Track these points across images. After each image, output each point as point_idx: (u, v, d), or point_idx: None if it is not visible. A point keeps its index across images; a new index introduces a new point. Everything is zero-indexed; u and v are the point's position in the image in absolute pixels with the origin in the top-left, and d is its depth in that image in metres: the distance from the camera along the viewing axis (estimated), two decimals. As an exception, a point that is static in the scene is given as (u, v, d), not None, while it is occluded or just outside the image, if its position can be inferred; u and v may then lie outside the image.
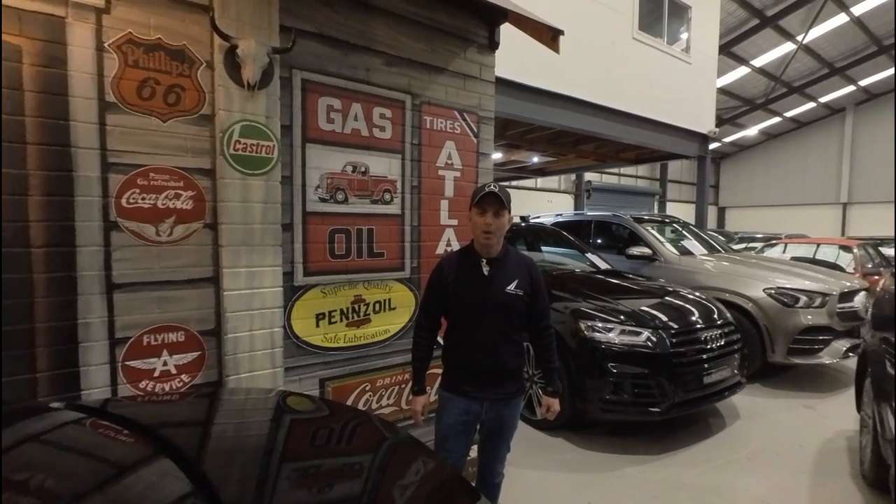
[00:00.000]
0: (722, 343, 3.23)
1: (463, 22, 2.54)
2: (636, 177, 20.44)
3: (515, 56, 5.02)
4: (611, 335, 3.03)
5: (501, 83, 5.11)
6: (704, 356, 3.11)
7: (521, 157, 8.69)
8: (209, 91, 1.80)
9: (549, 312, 1.88)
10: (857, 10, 12.04)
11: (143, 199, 1.69)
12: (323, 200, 2.14)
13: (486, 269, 1.72)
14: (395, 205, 2.37)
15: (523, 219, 6.04)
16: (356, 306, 2.25)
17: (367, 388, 2.34)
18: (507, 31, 2.64)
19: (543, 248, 5.39)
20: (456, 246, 2.61)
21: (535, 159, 8.94)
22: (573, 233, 5.82)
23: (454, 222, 2.60)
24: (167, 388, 1.77)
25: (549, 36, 2.37)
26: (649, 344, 2.98)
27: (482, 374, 1.74)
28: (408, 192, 2.40)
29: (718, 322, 3.36)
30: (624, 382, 2.93)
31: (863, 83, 16.78)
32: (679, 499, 2.52)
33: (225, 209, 1.80)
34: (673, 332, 3.07)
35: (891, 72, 15.98)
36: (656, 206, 15.44)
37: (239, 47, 1.71)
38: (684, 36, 7.26)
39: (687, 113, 7.18)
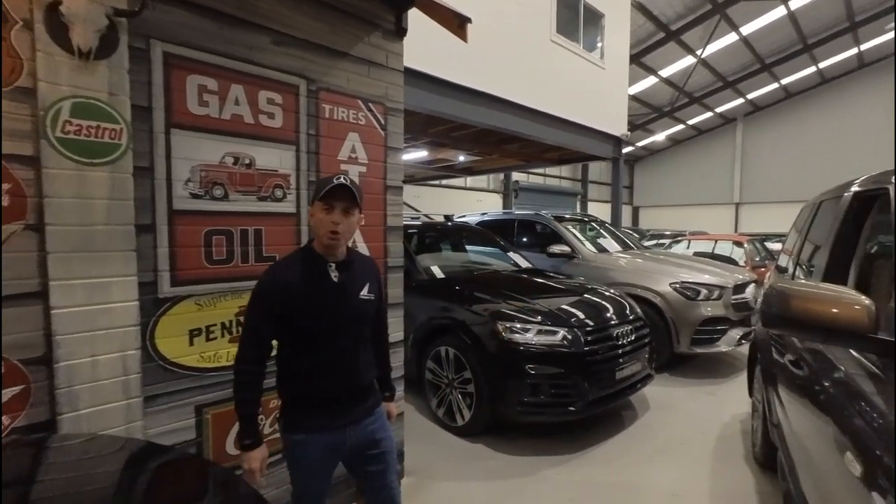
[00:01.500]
0: (633, 338, 3.31)
1: (367, 3, 2.33)
2: (560, 177, 21.38)
3: (440, 52, 4.90)
4: (528, 335, 2.98)
5: (424, 78, 4.99)
6: (619, 351, 3.17)
7: (448, 155, 8.62)
8: (28, 58, 1.43)
9: (387, 315, 1.76)
10: (745, 31, 13.45)
11: (-74, 193, 1.29)
12: (196, 197, 1.82)
13: (335, 276, 1.46)
14: (289, 202, 2.10)
15: (447, 218, 5.94)
16: (241, 319, 1.96)
17: (259, 412, 2.05)
18: (432, 25, 2.46)
19: (468, 248, 5.33)
20: (364, 248, 2.40)
21: (462, 158, 8.93)
22: (498, 232, 5.84)
23: (362, 222, 2.37)
24: (-29, 436, 1.38)
25: (456, 23, 2.24)
26: (565, 343, 2.97)
27: (339, 398, 1.48)
28: (304, 187, 2.14)
29: (630, 318, 3.45)
30: (542, 383, 2.89)
31: (750, 96, 18.85)
32: (595, 498, 2.51)
33: (53, 207, 1.44)
34: (588, 329, 3.09)
35: (774, 85, 18.15)
36: (579, 206, 16.23)
37: (63, 3, 1.37)
38: (599, 44, 7.60)
39: (602, 116, 7.52)
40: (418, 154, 8.69)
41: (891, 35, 15.38)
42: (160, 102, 1.71)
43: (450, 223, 5.70)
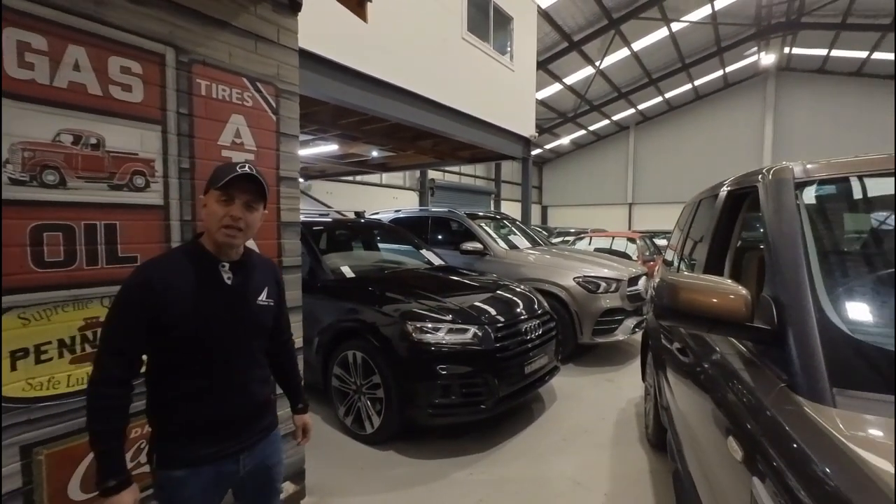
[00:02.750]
0: (541, 332, 3.39)
1: (252, -31, 2.06)
2: (475, 176, 21.91)
3: (350, 40, 4.64)
4: (439, 335, 2.90)
5: (332, 66, 4.68)
6: (528, 346, 3.22)
7: (361, 150, 8.32)
8: None
9: (289, 321, 1.58)
10: (636, 47, 14.83)
11: None
12: (17, 183, 1.44)
13: (227, 277, 1.25)
14: (154, 192, 1.78)
15: (358, 214, 5.69)
16: (88, 333, 1.61)
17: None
18: (336, 8, 2.23)
19: (380, 246, 5.14)
20: (254, 247, 2.12)
21: (376, 153, 8.68)
22: (413, 229, 5.72)
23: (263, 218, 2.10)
24: None
25: (355, 1, 2.06)
26: (476, 340, 2.93)
27: (233, 421, 1.26)
28: (174, 175, 1.83)
29: (538, 312, 3.53)
30: (453, 384, 2.82)
31: (640, 107, 20.91)
32: (504, 496, 2.50)
33: None
34: (499, 326, 3.10)
35: (659, 99, 20.29)
36: (493, 204, 16.73)
37: None
38: (509, 48, 7.81)
39: (512, 117, 7.75)
40: (328, 148, 8.27)
41: (748, 61, 18.00)
42: (-44, 59, 1.32)
43: (362, 220, 5.46)
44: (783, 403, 0.99)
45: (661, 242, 10.43)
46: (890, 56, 15.41)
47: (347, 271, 3.83)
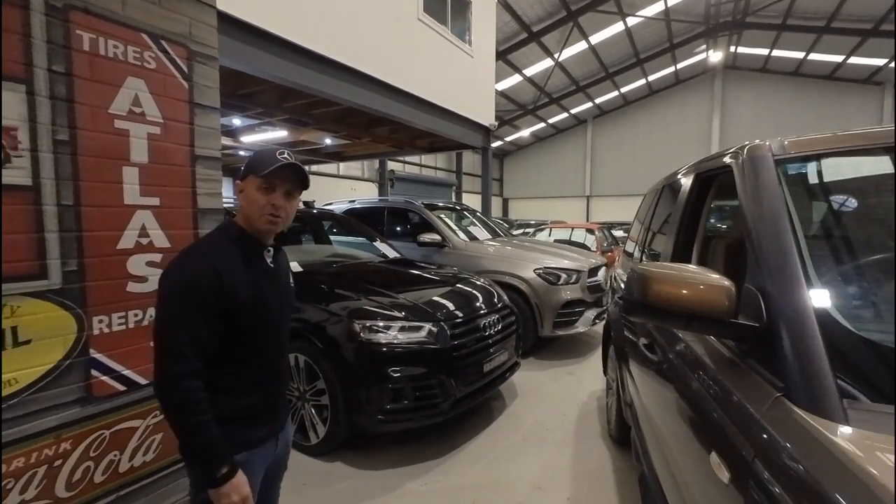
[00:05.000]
0: (500, 327, 3.21)
1: None
2: (436, 168, 21.63)
3: (296, 14, 4.25)
4: (391, 334, 2.65)
5: (274, 41, 4.26)
6: (488, 342, 3.03)
7: (313, 137, 7.86)
8: None
9: None
10: (594, 40, 14.97)
11: None
12: None
13: (270, 261, 1.26)
14: (19, 170, 1.42)
15: (308, 204, 5.31)
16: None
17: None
18: None
19: (332, 239, 4.81)
20: (159, 239, 1.79)
21: (329, 141, 8.23)
22: (368, 220, 5.41)
23: (153, 201, 1.77)
24: None
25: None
26: (431, 339, 2.71)
27: (275, 401, 1.30)
28: (46, 149, 1.47)
29: (498, 306, 3.35)
30: (405, 387, 2.59)
31: (597, 101, 21.27)
32: (461, 506, 2.30)
33: None
34: (457, 322, 2.88)
35: (615, 93, 20.71)
36: (454, 196, 16.54)
37: None
38: (468, 35, 7.57)
39: (471, 105, 7.54)
40: (277, 134, 7.75)
41: (698, 58, 18.67)
42: None
43: (314, 210, 5.10)
44: (781, 418, 0.82)
45: (619, 234, 10.61)
46: (824, 58, 16.42)
47: (294, 266, 3.48)
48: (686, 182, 1.99)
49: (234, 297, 1.12)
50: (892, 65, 15.49)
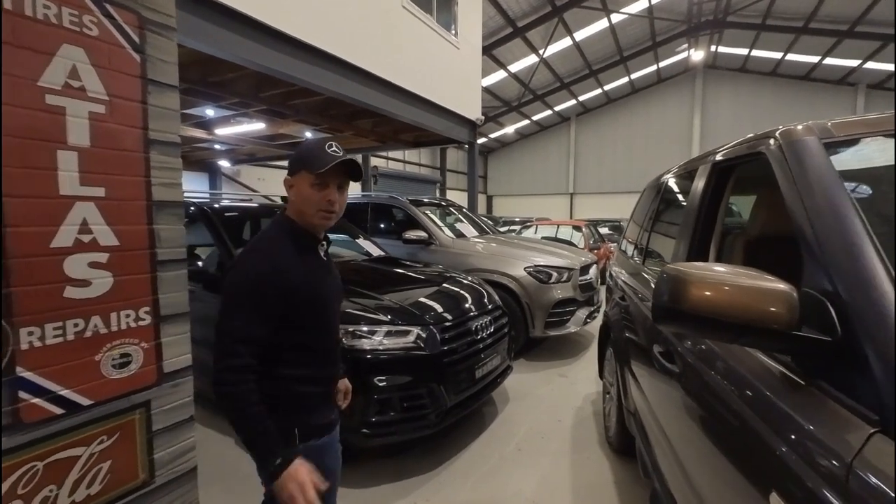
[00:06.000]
0: (493, 330, 3.03)
1: None
2: (420, 164, 21.36)
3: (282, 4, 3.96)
4: (376, 339, 2.44)
5: (249, 24, 3.94)
6: (480, 346, 2.84)
7: (292, 130, 7.52)
8: None
9: None
10: (578, 37, 14.91)
11: None
12: None
13: (323, 255, 1.32)
14: (-83, 151, 1.15)
15: (285, 200, 5.03)
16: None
17: None
18: None
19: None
20: (104, 235, 1.54)
21: (309, 134, 7.91)
22: (351, 217, 5.16)
23: (97, 192, 1.51)
24: None
25: None
26: (419, 344, 2.50)
27: (334, 391, 1.38)
28: (-44, 127, 1.21)
29: (489, 307, 3.16)
30: (392, 397, 2.38)
31: (581, 98, 21.29)
32: (454, 528, 2.11)
33: None
34: (447, 325, 2.68)
35: (599, 91, 20.75)
36: (438, 193, 16.31)
37: None
38: (454, 26, 7.35)
39: (457, 98, 7.33)
40: (254, 126, 7.40)
41: (679, 57, 18.83)
42: None
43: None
44: (886, 465, 0.64)
45: (604, 231, 10.56)
46: (801, 58, 16.73)
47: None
48: (702, 173, 1.83)
49: (299, 294, 1.16)
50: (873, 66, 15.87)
